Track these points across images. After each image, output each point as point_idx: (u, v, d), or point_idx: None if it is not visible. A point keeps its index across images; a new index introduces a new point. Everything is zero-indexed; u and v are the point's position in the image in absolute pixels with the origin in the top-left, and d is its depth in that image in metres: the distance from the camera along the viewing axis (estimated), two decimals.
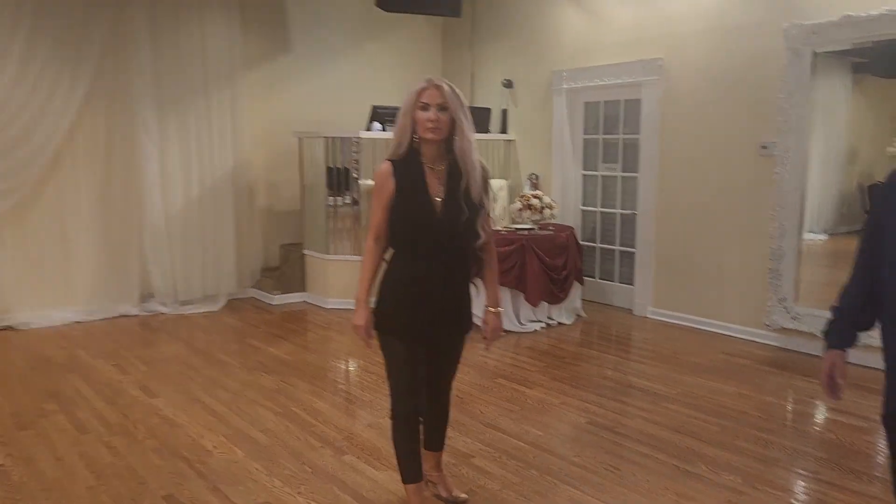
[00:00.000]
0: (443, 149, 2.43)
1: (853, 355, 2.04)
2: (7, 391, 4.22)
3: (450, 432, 3.58)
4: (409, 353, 2.51)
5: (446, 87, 2.37)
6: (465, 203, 2.41)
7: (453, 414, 3.80)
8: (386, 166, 2.45)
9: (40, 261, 5.79)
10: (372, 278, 2.52)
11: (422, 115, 2.36)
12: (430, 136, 2.37)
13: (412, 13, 6.72)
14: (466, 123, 2.39)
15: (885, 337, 1.88)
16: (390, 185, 2.43)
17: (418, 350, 2.53)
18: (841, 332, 2.02)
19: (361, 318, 2.49)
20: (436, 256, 2.45)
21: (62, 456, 3.33)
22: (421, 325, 2.49)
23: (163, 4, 6.03)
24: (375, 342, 2.53)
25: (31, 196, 5.70)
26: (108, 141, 5.97)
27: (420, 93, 2.37)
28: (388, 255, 2.54)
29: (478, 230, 2.46)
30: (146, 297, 6.27)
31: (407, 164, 2.44)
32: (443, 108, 2.36)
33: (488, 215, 2.53)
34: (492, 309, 2.58)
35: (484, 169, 2.48)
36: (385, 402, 3.88)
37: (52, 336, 5.46)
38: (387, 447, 3.39)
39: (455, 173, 2.42)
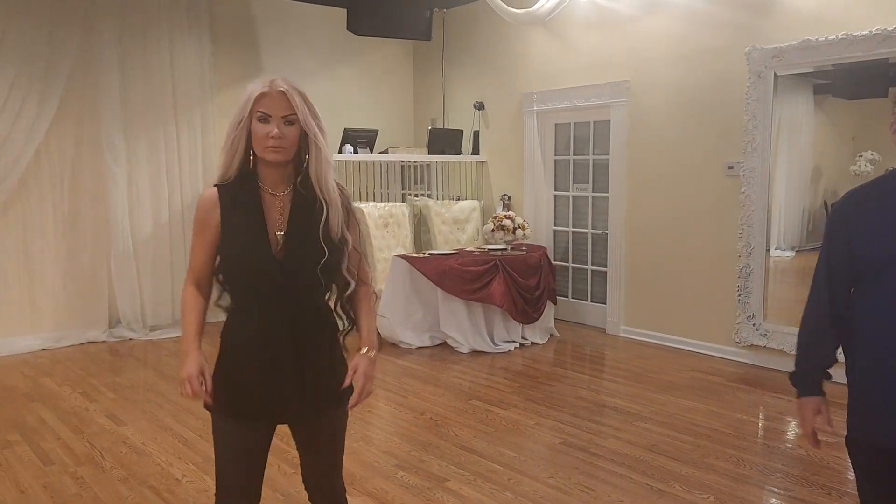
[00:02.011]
0: (289, 170, 1.89)
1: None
2: None
3: (423, 455, 3.58)
4: (245, 438, 1.93)
5: (295, 94, 1.80)
6: (325, 242, 1.86)
7: (427, 437, 3.81)
8: (210, 193, 1.88)
9: (5, 287, 5.66)
10: (198, 326, 1.96)
11: (261, 128, 1.80)
12: (271, 156, 1.81)
13: (383, 37, 6.76)
14: (322, 139, 1.84)
15: (861, 351, 1.78)
16: (215, 217, 1.87)
17: (259, 435, 1.95)
18: (809, 377, 1.90)
19: (191, 365, 1.85)
20: (281, 310, 1.88)
21: (26, 488, 3.24)
22: (264, 402, 1.90)
23: (131, 25, 5.99)
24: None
25: None
26: (76, 164, 5.89)
27: (258, 99, 1.80)
28: (225, 304, 1.97)
29: (345, 276, 1.90)
30: (115, 322, 6.16)
31: (239, 190, 1.87)
32: (289, 121, 1.80)
33: (358, 252, 1.96)
34: (363, 351, 1.94)
35: (343, 195, 1.92)
36: (363, 428, 3.86)
37: (16, 364, 5.33)
38: (361, 472, 3.36)
39: (304, 203, 1.87)
